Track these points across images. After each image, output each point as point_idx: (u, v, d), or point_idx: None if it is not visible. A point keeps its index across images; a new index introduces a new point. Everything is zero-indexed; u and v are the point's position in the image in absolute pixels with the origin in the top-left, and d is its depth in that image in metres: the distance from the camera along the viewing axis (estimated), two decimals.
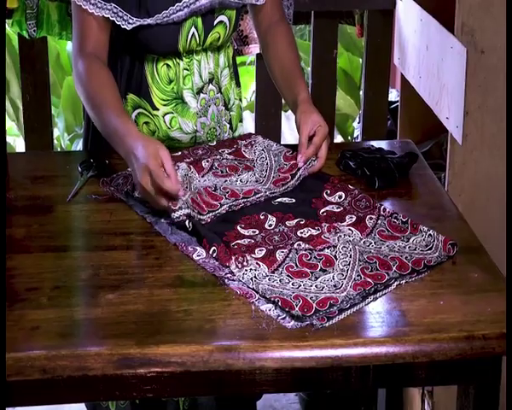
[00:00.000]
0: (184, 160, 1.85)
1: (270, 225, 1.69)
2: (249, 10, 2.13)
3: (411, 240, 1.63)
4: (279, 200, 1.79)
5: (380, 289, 1.49)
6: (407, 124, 2.88)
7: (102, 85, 1.85)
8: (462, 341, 1.38)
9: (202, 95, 2.01)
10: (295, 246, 1.60)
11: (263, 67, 2.25)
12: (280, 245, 1.61)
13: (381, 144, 2.05)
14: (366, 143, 2.14)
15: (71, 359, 1.34)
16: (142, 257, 1.62)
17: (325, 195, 1.80)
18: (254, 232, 1.66)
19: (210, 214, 1.71)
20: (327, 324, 1.40)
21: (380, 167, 1.87)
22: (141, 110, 1.99)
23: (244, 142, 1.98)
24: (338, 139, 3.99)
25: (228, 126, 2.10)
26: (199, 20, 1.94)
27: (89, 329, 1.42)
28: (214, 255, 1.58)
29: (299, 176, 1.85)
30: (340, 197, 1.79)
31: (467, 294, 1.48)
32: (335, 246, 1.60)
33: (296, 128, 1.91)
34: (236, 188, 1.80)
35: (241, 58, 3.84)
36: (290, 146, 1.96)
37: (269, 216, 1.72)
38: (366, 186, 1.85)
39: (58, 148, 4.03)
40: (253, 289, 1.48)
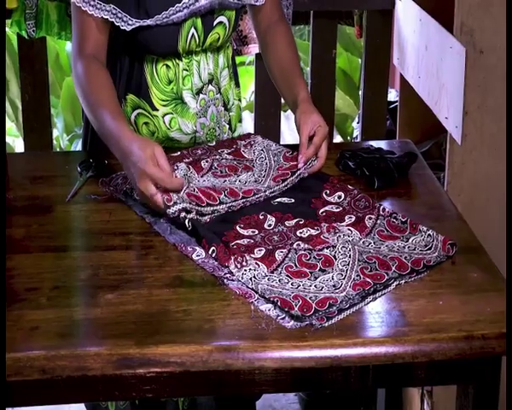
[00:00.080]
0: (183, 160, 1.85)
1: (269, 225, 1.69)
2: (248, 10, 2.13)
3: (411, 240, 1.63)
4: (278, 200, 1.79)
5: (379, 289, 1.49)
6: (406, 124, 2.88)
7: (100, 87, 1.84)
8: (461, 341, 1.38)
9: (202, 95, 2.01)
10: (294, 246, 1.60)
11: (262, 67, 2.25)
12: (279, 245, 1.60)
13: (381, 144, 2.05)
14: (365, 143, 2.14)
15: (70, 359, 1.34)
16: (141, 257, 1.61)
17: (324, 195, 1.80)
18: (254, 232, 1.66)
19: (209, 209, 1.71)
20: (326, 324, 1.40)
21: (379, 167, 1.87)
22: (140, 111, 1.99)
23: (243, 142, 1.98)
24: (337, 139, 3.99)
25: (227, 127, 2.10)
26: (198, 21, 1.94)
27: (88, 329, 1.42)
28: (213, 255, 1.58)
29: (298, 174, 1.85)
30: (340, 197, 1.79)
31: (466, 294, 1.48)
32: (335, 246, 1.59)
33: (296, 128, 1.91)
34: (236, 187, 1.80)
35: (241, 58, 3.84)
36: (290, 146, 1.96)
37: (268, 216, 1.72)
38: (365, 186, 1.85)
39: (57, 148, 4.03)
40: (253, 289, 1.48)
